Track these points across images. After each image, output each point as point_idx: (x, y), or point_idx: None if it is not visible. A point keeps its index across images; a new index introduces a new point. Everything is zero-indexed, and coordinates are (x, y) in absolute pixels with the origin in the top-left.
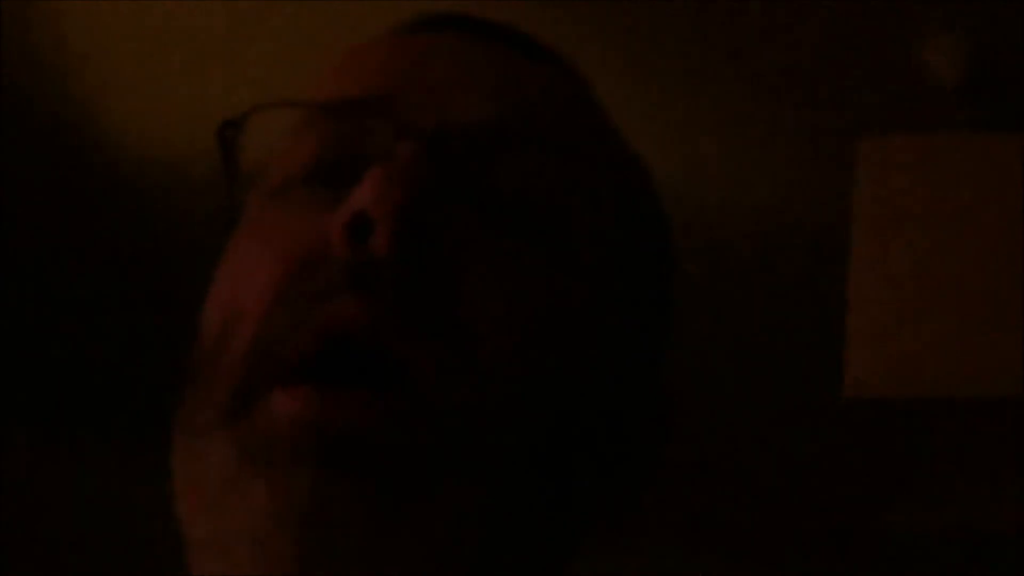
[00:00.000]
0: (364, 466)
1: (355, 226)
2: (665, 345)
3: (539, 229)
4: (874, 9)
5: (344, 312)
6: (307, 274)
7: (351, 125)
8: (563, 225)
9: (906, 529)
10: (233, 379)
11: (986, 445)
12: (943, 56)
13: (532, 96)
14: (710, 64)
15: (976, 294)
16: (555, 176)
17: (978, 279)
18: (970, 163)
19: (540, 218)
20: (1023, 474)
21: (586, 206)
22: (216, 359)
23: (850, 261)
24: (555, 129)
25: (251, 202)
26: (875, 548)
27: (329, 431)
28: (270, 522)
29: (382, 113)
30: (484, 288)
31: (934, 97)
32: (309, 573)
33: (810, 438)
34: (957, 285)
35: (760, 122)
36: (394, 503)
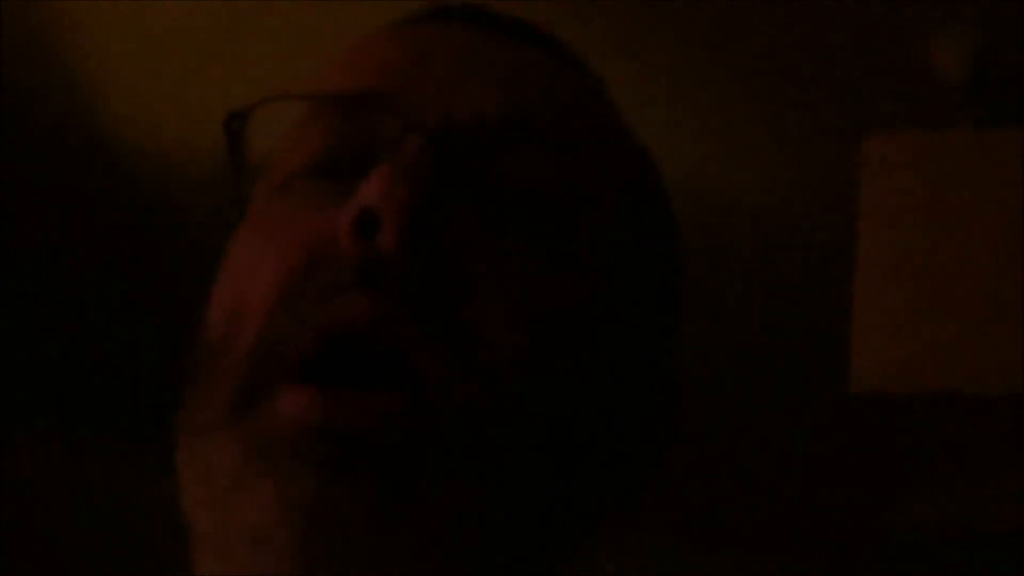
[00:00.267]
0: (368, 466)
1: (362, 223)
2: (671, 344)
3: (546, 226)
4: (879, 6)
5: (350, 310)
6: (312, 271)
7: (357, 119)
8: (570, 223)
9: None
10: (237, 377)
11: (991, 442)
12: (949, 53)
13: (540, 90)
14: (714, 61)
15: (982, 290)
16: (563, 173)
17: (984, 275)
18: (976, 160)
19: (547, 215)
20: None
21: (593, 204)
22: (220, 356)
23: (856, 257)
24: (563, 124)
25: (257, 195)
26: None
27: (334, 431)
28: (274, 521)
29: (388, 107)
30: (490, 286)
31: (940, 94)
32: (312, 573)
33: (814, 435)
34: (963, 281)
35: (765, 119)
36: (397, 503)
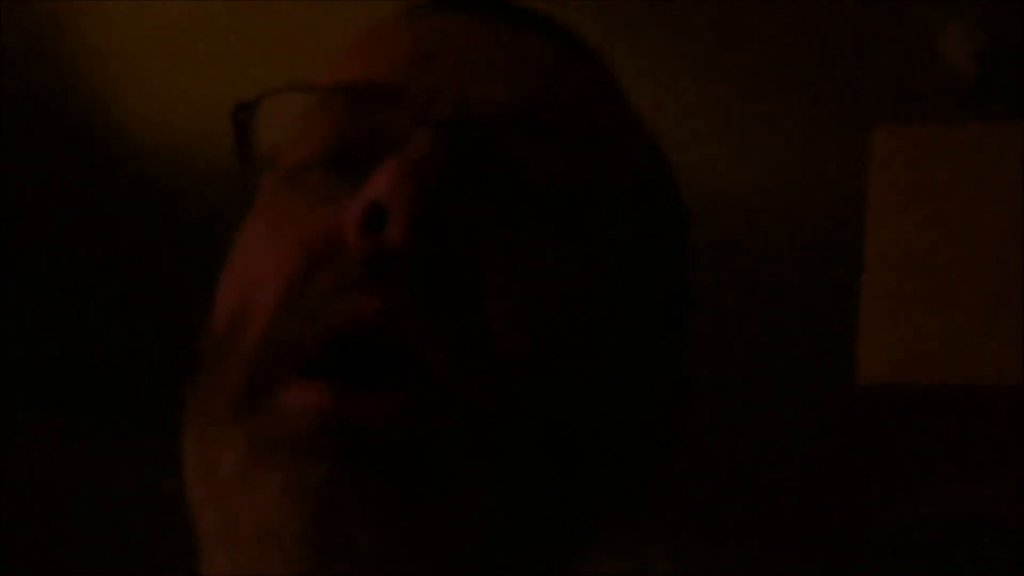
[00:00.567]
0: (375, 460)
1: (370, 216)
2: (678, 341)
3: (555, 220)
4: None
5: (358, 307)
6: (321, 265)
7: (365, 111)
8: (579, 217)
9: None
10: (245, 370)
11: (999, 434)
12: (958, 45)
13: (551, 81)
14: (722, 55)
15: (989, 282)
16: (573, 165)
17: (991, 267)
18: (983, 153)
19: (556, 209)
20: None
21: (603, 197)
22: (227, 349)
23: (863, 250)
24: (574, 117)
25: (264, 186)
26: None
27: (341, 425)
28: (280, 515)
29: (396, 99)
30: (498, 280)
31: (949, 86)
32: (318, 567)
33: (821, 428)
34: (970, 273)
35: (773, 112)
36: (404, 497)
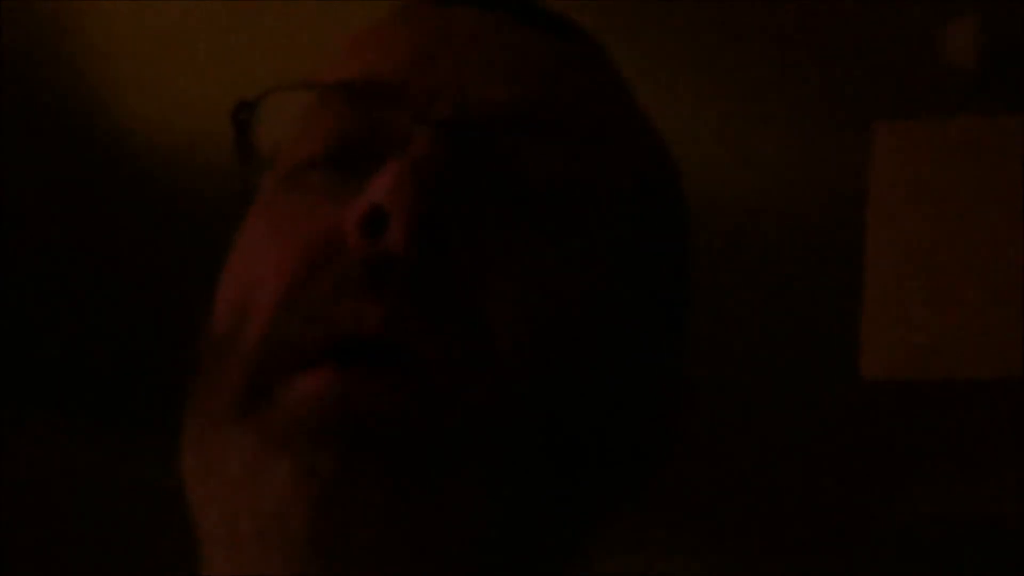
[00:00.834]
0: (384, 451)
1: (370, 220)
2: (682, 338)
3: (558, 219)
4: None
5: (359, 314)
6: (320, 266)
7: (365, 110)
8: (581, 217)
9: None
10: (245, 370)
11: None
12: (959, 40)
13: (554, 79)
14: (721, 51)
15: (992, 276)
16: (575, 165)
17: (994, 261)
18: (985, 148)
19: (559, 208)
20: None
21: (606, 197)
22: (227, 349)
23: (866, 246)
24: (578, 115)
25: (265, 185)
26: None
27: (351, 412)
28: (287, 503)
29: (397, 98)
30: (501, 281)
31: (950, 81)
32: (318, 567)
33: (825, 423)
34: (973, 267)
35: (774, 109)
36: (411, 484)
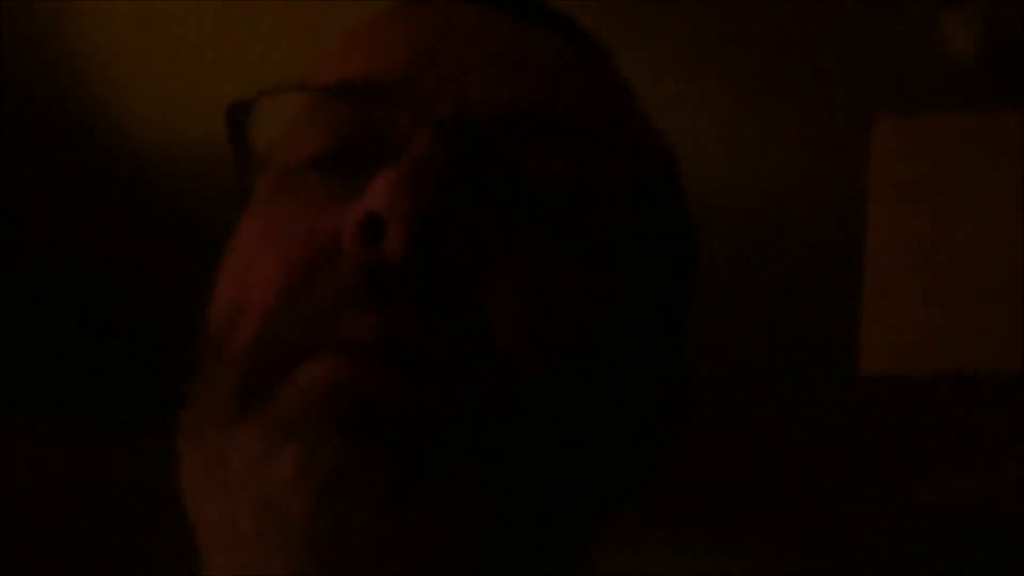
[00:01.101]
0: (389, 439)
1: (368, 227)
2: (682, 338)
3: (558, 221)
4: None
5: (358, 323)
6: (318, 270)
7: (364, 110)
8: (583, 219)
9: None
10: (239, 368)
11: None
12: (960, 32)
13: (556, 76)
14: (719, 44)
15: (993, 270)
16: (577, 166)
17: (995, 255)
18: (987, 140)
19: (559, 209)
20: None
21: (606, 197)
22: (221, 349)
23: (866, 241)
24: (578, 115)
25: (260, 186)
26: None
27: (356, 395)
28: (288, 496)
29: (397, 97)
30: (501, 283)
31: (950, 74)
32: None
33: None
34: (974, 261)
35: (772, 102)
36: (414, 483)
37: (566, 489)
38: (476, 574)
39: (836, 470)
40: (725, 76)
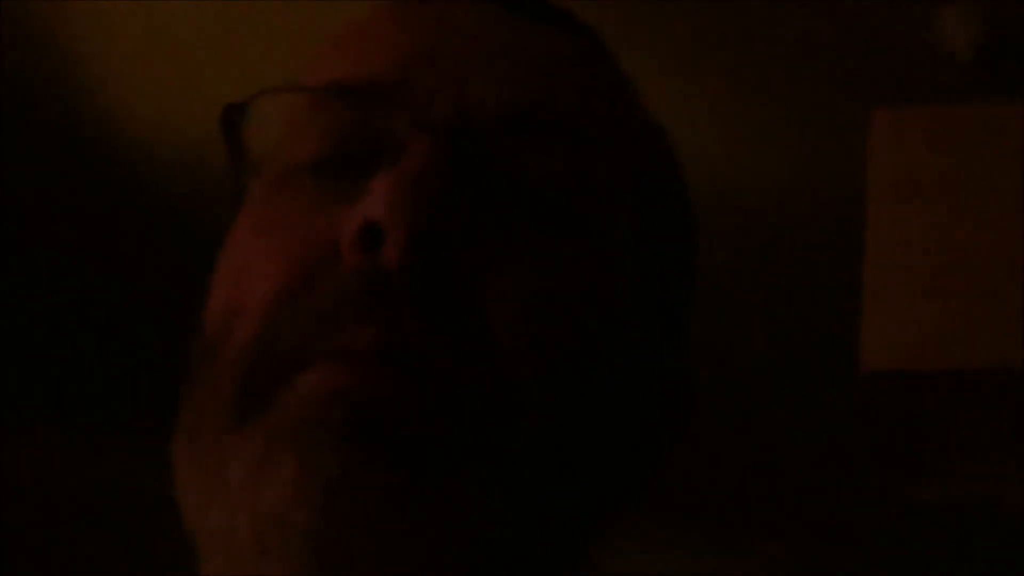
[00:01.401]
0: (390, 445)
1: (366, 234)
2: (683, 337)
3: (559, 222)
4: None
5: (358, 336)
6: (315, 276)
7: (362, 112)
8: (584, 220)
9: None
10: (235, 375)
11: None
12: (957, 25)
13: (556, 74)
14: (718, 38)
15: (993, 264)
16: (576, 166)
17: (994, 249)
18: (985, 133)
19: (560, 211)
20: None
21: (607, 197)
22: (216, 355)
23: (865, 235)
24: (581, 111)
25: (256, 188)
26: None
27: (357, 403)
28: (289, 505)
29: (395, 98)
30: (503, 286)
31: (948, 67)
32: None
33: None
34: (973, 255)
35: (770, 96)
36: (415, 487)
37: (567, 490)
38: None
39: (836, 470)
40: (722, 71)
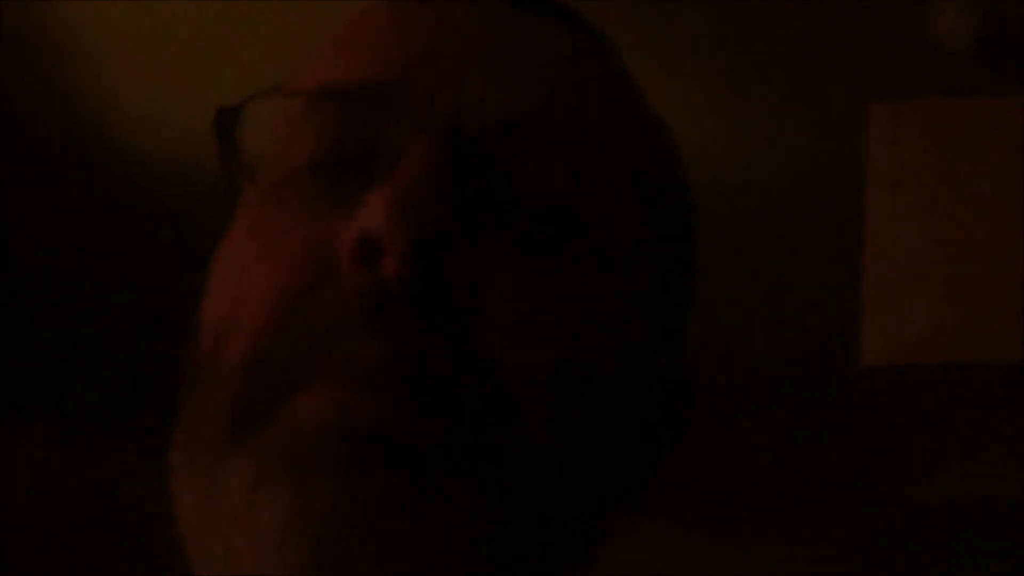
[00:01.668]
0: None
1: (363, 247)
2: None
3: (566, 230)
4: None
5: (356, 353)
6: (313, 289)
7: (359, 115)
8: (592, 225)
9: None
10: (232, 390)
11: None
12: (956, 19)
13: (558, 74)
14: (717, 32)
15: (993, 259)
16: (580, 168)
17: (994, 244)
18: (984, 128)
19: (564, 216)
20: None
21: (613, 199)
22: (211, 367)
23: (864, 230)
24: (582, 113)
25: (250, 193)
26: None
27: (355, 431)
28: (290, 530)
29: (393, 101)
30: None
31: (947, 61)
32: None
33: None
34: (973, 250)
35: (768, 91)
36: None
37: (568, 491)
38: None
39: (836, 468)
40: (719, 67)
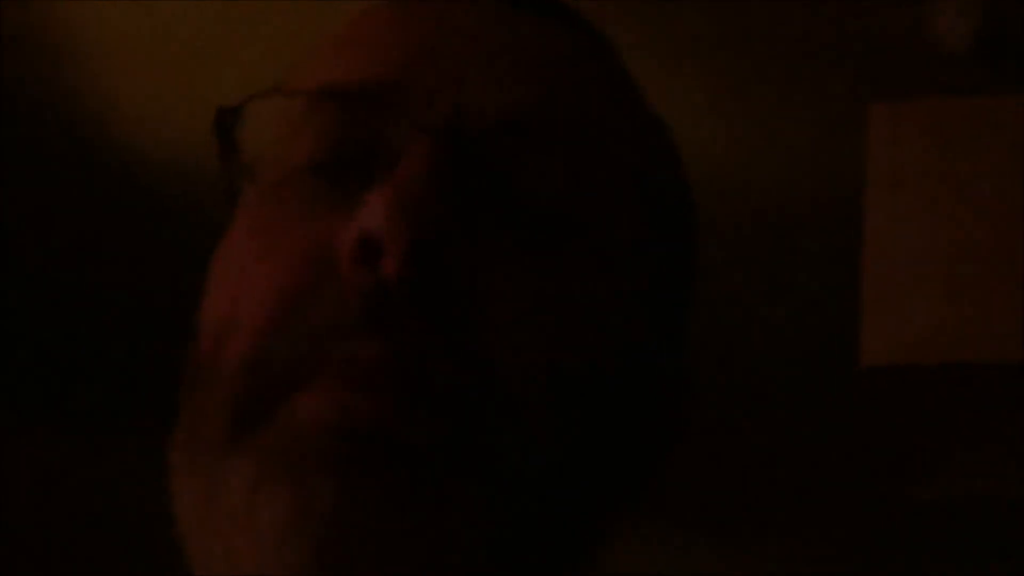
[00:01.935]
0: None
1: (363, 247)
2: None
3: (566, 230)
4: None
5: (356, 353)
6: (314, 289)
7: (359, 116)
8: (592, 225)
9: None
10: (232, 389)
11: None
12: (956, 19)
13: (558, 74)
14: (717, 32)
15: (993, 259)
16: (582, 168)
17: (994, 243)
18: (984, 127)
19: (565, 216)
20: None
21: (614, 199)
22: (211, 367)
23: (864, 230)
24: (582, 113)
25: (250, 193)
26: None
27: (355, 432)
28: (290, 530)
29: (393, 102)
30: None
31: (946, 61)
32: None
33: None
34: (973, 250)
35: (768, 90)
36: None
37: (568, 491)
38: None
39: (836, 468)
40: (719, 67)
